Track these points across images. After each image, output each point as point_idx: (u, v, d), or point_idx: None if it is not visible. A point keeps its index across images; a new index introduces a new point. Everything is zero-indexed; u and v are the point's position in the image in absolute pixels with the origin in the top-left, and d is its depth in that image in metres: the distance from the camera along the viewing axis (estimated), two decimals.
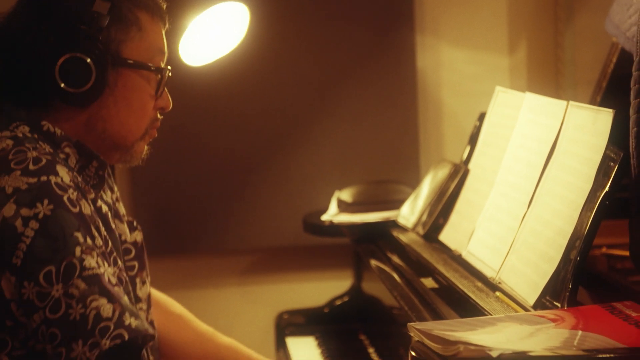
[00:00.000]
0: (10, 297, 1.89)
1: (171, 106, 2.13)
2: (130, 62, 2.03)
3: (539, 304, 1.88)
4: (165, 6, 2.10)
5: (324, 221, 3.01)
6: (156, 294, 2.45)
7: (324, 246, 3.33)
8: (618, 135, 1.85)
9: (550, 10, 3.50)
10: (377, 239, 2.81)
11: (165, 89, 2.11)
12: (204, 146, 3.41)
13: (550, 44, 3.51)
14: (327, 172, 3.39)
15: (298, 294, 3.36)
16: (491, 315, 1.89)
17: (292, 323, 3.08)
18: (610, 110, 1.90)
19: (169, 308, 2.48)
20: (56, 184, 1.89)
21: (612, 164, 1.85)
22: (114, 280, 1.90)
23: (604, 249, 2.27)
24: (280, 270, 3.50)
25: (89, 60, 1.97)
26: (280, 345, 3.03)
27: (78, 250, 1.86)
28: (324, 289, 3.21)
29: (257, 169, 3.42)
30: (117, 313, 1.85)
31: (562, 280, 1.86)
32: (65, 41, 1.97)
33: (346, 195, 3.05)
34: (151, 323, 2.19)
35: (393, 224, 2.77)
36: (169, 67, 2.11)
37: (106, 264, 1.91)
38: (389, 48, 3.44)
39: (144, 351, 1.93)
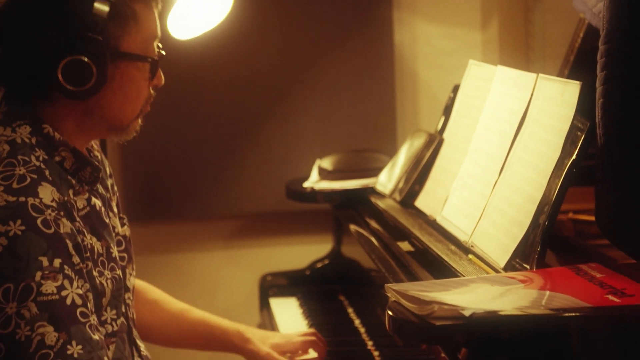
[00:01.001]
0: None
1: (163, 82, 2.12)
2: (128, 55, 2.02)
3: (509, 266, 1.88)
4: None
5: (305, 188, 3.02)
6: (137, 282, 2.45)
7: (306, 212, 3.33)
8: (585, 106, 1.85)
9: None
10: (356, 205, 2.81)
11: (159, 70, 2.10)
12: (192, 117, 3.40)
13: (520, 20, 3.50)
14: (309, 142, 3.39)
15: (281, 257, 3.36)
16: (464, 276, 1.89)
17: (275, 285, 3.08)
18: (578, 82, 1.90)
19: (146, 295, 2.46)
20: (33, 205, 1.88)
21: (579, 133, 1.86)
22: (79, 301, 1.88)
23: (570, 214, 2.28)
24: (264, 235, 3.50)
25: (87, 59, 1.94)
26: (264, 306, 3.04)
27: (39, 274, 1.84)
28: (305, 252, 3.21)
29: (242, 138, 3.41)
30: (60, 342, 1.82)
31: (531, 244, 1.86)
32: (66, 44, 1.94)
33: (327, 163, 3.05)
34: (133, 314, 2.17)
35: (371, 190, 2.77)
36: (162, 49, 2.10)
37: (75, 284, 1.88)
38: (367, 24, 3.43)
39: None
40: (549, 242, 1.85)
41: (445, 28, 3.47)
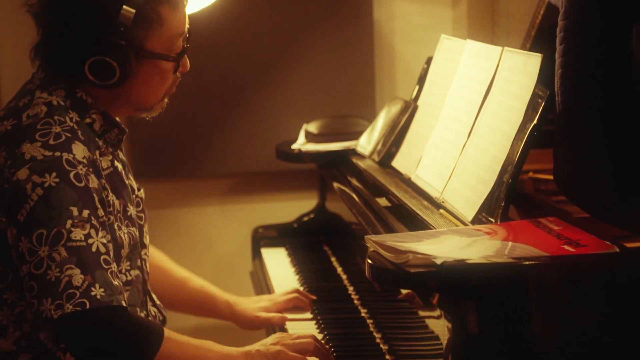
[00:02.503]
0: (11, 244, 1.91)
1: (189, 67, 2.13)
2: (152, 54, 2.02)
3: (476, 220, 1.89)
4: None
5: (293, 149, 3.01)
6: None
7: (293, 171, 3.33)
8: (545, 76, 1.85)
9: None
10: (339, 165, 2.81)
11: (185, 56, 2.11)
12: (191, 86, 3.37)
13: None
14: (296, 108, 3.38)
15: (271, 212, 3.36)
16: (436, 229, 1.89)
17: (266, 236, 3.09)
18: (539, 54, 1.90)
19: (153, 260, 2.44)
20: (67, 160, 1.90)
21: (539, 100, 1.86)
22: (103, 249, 1.90)
23: (531, 174, 2.28)
24: (256, 192, 3.50)
25: (113, 62, 1.95)
26: (256, 255, 3.04)
27: (69, 222, 1.87)
28: (293, 207, 3.21)
29: (236, 104, 3.40)
30: (85, 284, 1.84)
31: (495, 200, 1.87)
32: (93, 46, 1.96)
33: (313, 127, 3.04)
34: (147, 269, 2.17)
35: (352, 152, 2.76)
36: (187, 40, 2.11)
37: (100, 235, 1.90)
38: (349, 2, 3.42)
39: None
40: (511, 198, 1.85)
41: (420, 6, 3.46)
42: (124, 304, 1.89)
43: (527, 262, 1.58)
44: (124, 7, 1.94)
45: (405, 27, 3.46)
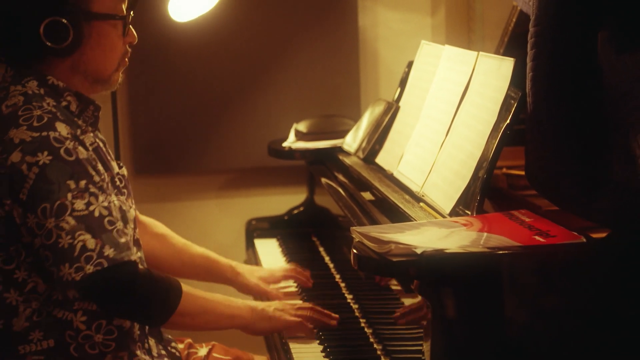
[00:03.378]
0: (19, 222, 1.92)
1: (137, 40, 2.11)
2: (99, 15, 2.01)
3: (454, 212, 1.89)
4: None
5: (284, 147, 3.01)
6: (144, 218, 2.45)
7: (284, 167, 3.33)
8: (517, 79, 1.85)
9: None
10: (327, 161, 2.81)
11: (130, 27, 2.09)
12: (189, 87, 3.38)
13: (463, 7, 3.49)
14: (287, 108, 3.38)
15: (263, 205, 3.36)
16: (416, 221, 1.90)
17: (258, 228, 3.08)
18: (512, 59, 1.90)
19: (154, 229, 2.47)
20: (54, 138, 1.90)
21: (512, 101, 1.86)
22: (105, 212, 1.91)
23: (504, 170, 2.28)
24: (249, 187, 3.50)
25: (65, 21, 1.96)
26: (250, 245, 3.04)
27: (69, 195, 1.87)
28: (284, 201, 3.21)
29: (231, 105, 3.40)
30: (98, 246, 1.86)
31: (471, 194, 1.87)
32: (43, 8, 1.96)
33: (302, 126, 3.04)
34: (137, 241, 2.17)
35: (339, 149, 2.76)
36: (131, 9, 2.08)
37: (101, 199, 1.91)
38: (336, 9, 3.42)
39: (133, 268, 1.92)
40: (486, 192, 1.86)
41: (401, 14, 3.46)
42: (133, 259, 1.91)
43: (500, 252, 1.59)
44: None
45: (388, 33, 3.46)
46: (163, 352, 2.18)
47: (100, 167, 1.99)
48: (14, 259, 1.95)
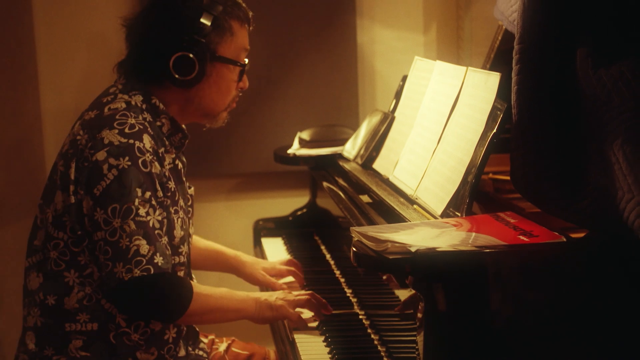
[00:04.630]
0: (86, 213, 1.95)
1: (247, 87, 2.19)
2: (223, 58, 2.08)
3: (445, 214, 1.89)
4: (250, 14, 2.17)
5: (289, 154, 3.01)
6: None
7: (289, 172, 3.33)
8: (503, 92, 1.85)
9: (453, 1, 3.48)
10: (328, 167, 2.81)
11: (245, 75, 2.16)
12: None
13: (453, 26, 3.49)
14: (291, 118, 3.38)
15: (269, 207, 3.36)
16: (410, 222, 1.89)
17: (265, 227, 3.09)
18: (498, 73, 1.90)
19: None
20: (138, 148, 1.95)
21: (498, 112, 1.86)
22: (157, 225, 1.95)
23: (490, 175, 2.28)
24: (257, 190, 3.50)
25: (193, 56, 2.02)
26: (257, 244, 3.04)
27: (137, 201, 1.92)
28: (288, 203, 3.21)
29: (240, 114, 3.39)
30: (150, 253, 1.91)
31: (461, 197, 1.87)
32: (178, 43, 2.02)
33: (305, 135, 3.04)
34: (187, 253, 2.19)
35: (339, 156, 2.76)
36: (247, 61, 2.16)
37: (157, 213, 1.95)
38: (336, 28, 3.42)
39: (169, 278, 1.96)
40: (475, 195, 1.85)
41: (396, 32, 3.46)
42: (171, 269, 1.96)
43: (488, 250, 1.59)
44: (204, 13, 2.03)
45: (384, 50, 3.47)
46: (192, 352, 2.19)
47: (171, 184, 2.03)
48: (80, 242, 1.97)
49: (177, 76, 2.02)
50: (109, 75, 2.17)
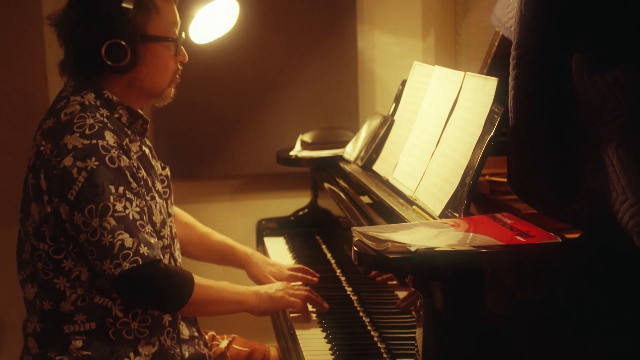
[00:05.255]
0: (65, 219, 1.94)
1: (187, 59, 2.14)
2: (153, 37, 2.04)
3: (443, 215, 1.89)
4: None
5: (291, 155, 3.01)
6: (174, 208, 2.46)
7: (291, 173, 3.32)
8: (500, 96, 1.85)
9: (451, 8, 3.48)
10: (329, 169, 2.80)
11: (182, 48, 2.12)
12: (207, 102, 3.38)
13: (451, 32, 3.49)
14: (293, 121, 3.38)
15: (272, 207, 3.35)
16: (409, 222, 1.89)
17: (268, 227, 3.08)
18: (496, 78, 1.90)
19: (180, 218, 2.49)
20: (102, 146, 1.93)
21: (496, 116, 1.86)
22: (137, 216, 1.94)
23: (487, 177, 2.28)
24: (260, 190, 3.49)
25: (123, 42, 1.98)
26: (260, 243, 3.04)
27: (111, 198, 1.91)
28: (290, 203, 3.21)
29: (244, 117, 3.40)
30: (135, 245, 1.89)
31: (459, 198, 1.86)
32: (105, 31, 1.99)
33: (307, 137, 3.04)
34: (175, 234, 2.18)
35: (340, 158, 2.76)
36: (182, 34, 2.12)
37: (134, 205, 1.94)
38: (337, 34, 3.41)
39: (161, 264, 1.95)
40: (472, 197, 1.85)
41: (396, 38, 3.46)
42: (161, 257, 1.95)
43: (485, 250, 1.58)
44: None
45: (384, 55, 3.46)
46: (196, 334, 2.19)
47: (142, 172, 2.02)
48: (62, 249, 1.97)
49: (110, 63, 1.99)
50: None
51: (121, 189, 1.92)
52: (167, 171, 2.23)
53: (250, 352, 2.35)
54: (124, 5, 1.98)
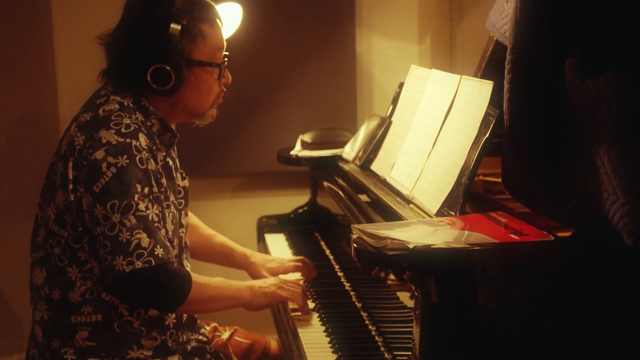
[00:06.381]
0: (85, 209, 1.93)
1: (231, 81, 2.15)
2: (198, 62, 2.04)
3: (439, 213, 1.89)
4: (219, 13, 2.11)
5: (291, 155, 3.01)
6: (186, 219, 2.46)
7: (291, 172, 3.32)
8: (495, 99, 1.85)
9: (446, 13, 3.48)
10: (328, 168, 2.80)
11: (226, 71, 2.13)
12: None
13: (446, 37, 3.49)
14: (294, 121, 3.38)
15: (273, 205, 3.36)
16: (407, 220, 1.89)
17: (268, 224, 3.08)
18: (491, 81, 1.90)
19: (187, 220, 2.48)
20: (135, 146, 1.93)
21: (491, 118, 1.86)
22: (156, 219, 1.94)
23: (481, 177, 2.28)
24: (261, 188, 3.49)
25: (168, 67, 1.98)
26: (261, 239, 3.03)
27: (136, 196, 1.90)
28: (290, 201, 3.21)
29: (246, 118, 3.40)
30: (151, 245, 1.89)
31: (455, 197, 1.86)
32: (151, 56, 1.99)
33: (307, 137, 3.04)
34: (185, 244, 2.18)
35: (339, 157, 2.76)
36: (227, 56, 2.12)
37: (155, 207, 1.93)
38: (336, 38, 3.42)
39: (170, 266, 1.95)
40: (468, 196, 1.85)
41: (393, 42, 3.46)
42: (173, 261, 1.95)
43: (480, 247, 1.58)
44: (172, 23, 1.98)
45: (381, 58, 3.47)
46: (192, 337, 2.19)
47: (163, 180, 2.02)
48: (80, 239, 1.96)
49: (155, 87, 1.99)
50: None
51: (147, 189, 1.92)
52: (187, 182, 2.23)
53: (251, 344, 2.35)
54: (171, 30, 1.98)
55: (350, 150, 2.68)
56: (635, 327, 1.57)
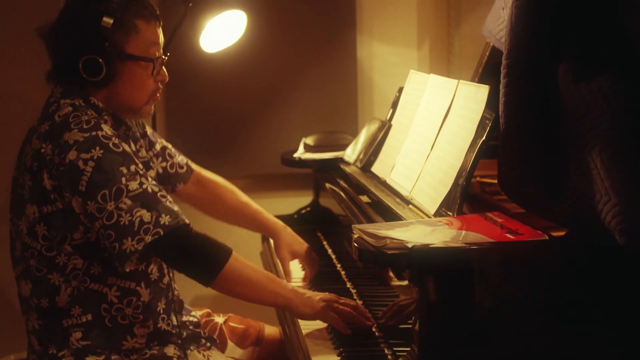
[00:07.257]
0: (79, 212, 1.91)
1: (167, 79, 2.09)
2: (131, 56, 2.01)
3: (438, 213, 1.89)
4: (157, 11, 2.07)
5: (294, 157, 3.01)
6: (223, 181, 2.57)
7: (294, 174, 3.33)
8: (491, 103, 1.85)
9: (444, 20, 3.49)
10: (330, 170, 2.80)
11: (163, 68, 2.08)
12: (215, 107, 3.39)
13: (444, 43, 3.50)
14: (297, 125, 3.39)
15: (276, 206, 3.34)
16: (406, 220, 1.90)
17: None
18: (487, 86, 1.90)
19: (223, 184, 2.60)
20: (102, 136, 1.91)
21: (487, 121, 1.86)
22: (156, 189, 1.90)
23: (478, 178, 2.28)
24: (265, 190, 3.49)
25: (100, 59, 1.96)
26: (265, 239, 3.02)
27: (123, 179, 1.87)
28: (293, 202, 3.21)
29: (250, 121, 3.41)
30: (154, 217, 1.86)
31: (452, 198, 1.87)
32: (83, 47, 1.97)
33: (310, 140, 3.04)
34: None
35: (341, 160, 2.76)
36: (163, 55, 2.07)
37: (149, 178, 1.90)
38: (338, 44, 3.42)
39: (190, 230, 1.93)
40: (465, 197, 1.86)
41: (393, 47, 3.47)
42: (187, 221, 1.91)
43: (477, 247, 1.58)
44: (105, 16, 1.96)
45: (381, 64, 3.47)
46: (184, 319, 2.18)
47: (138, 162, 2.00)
48: (53, 248, 1.94)
49: (85, 77, 1.97)
50: None
51: (132, 167, 1.89)
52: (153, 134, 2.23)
53: (246, 329, 2.34)
54: (104, 22, 1.96)
55: (352, 153, 2.68)
56: (629, 325, 1.57)
